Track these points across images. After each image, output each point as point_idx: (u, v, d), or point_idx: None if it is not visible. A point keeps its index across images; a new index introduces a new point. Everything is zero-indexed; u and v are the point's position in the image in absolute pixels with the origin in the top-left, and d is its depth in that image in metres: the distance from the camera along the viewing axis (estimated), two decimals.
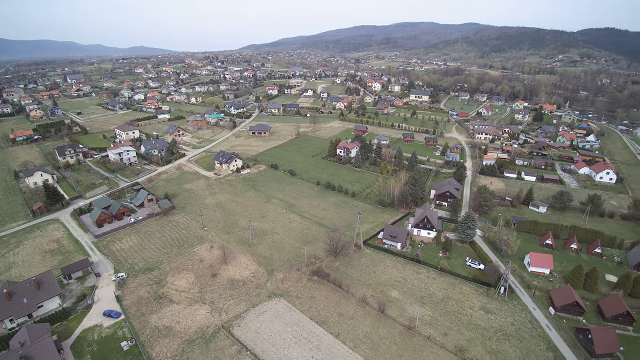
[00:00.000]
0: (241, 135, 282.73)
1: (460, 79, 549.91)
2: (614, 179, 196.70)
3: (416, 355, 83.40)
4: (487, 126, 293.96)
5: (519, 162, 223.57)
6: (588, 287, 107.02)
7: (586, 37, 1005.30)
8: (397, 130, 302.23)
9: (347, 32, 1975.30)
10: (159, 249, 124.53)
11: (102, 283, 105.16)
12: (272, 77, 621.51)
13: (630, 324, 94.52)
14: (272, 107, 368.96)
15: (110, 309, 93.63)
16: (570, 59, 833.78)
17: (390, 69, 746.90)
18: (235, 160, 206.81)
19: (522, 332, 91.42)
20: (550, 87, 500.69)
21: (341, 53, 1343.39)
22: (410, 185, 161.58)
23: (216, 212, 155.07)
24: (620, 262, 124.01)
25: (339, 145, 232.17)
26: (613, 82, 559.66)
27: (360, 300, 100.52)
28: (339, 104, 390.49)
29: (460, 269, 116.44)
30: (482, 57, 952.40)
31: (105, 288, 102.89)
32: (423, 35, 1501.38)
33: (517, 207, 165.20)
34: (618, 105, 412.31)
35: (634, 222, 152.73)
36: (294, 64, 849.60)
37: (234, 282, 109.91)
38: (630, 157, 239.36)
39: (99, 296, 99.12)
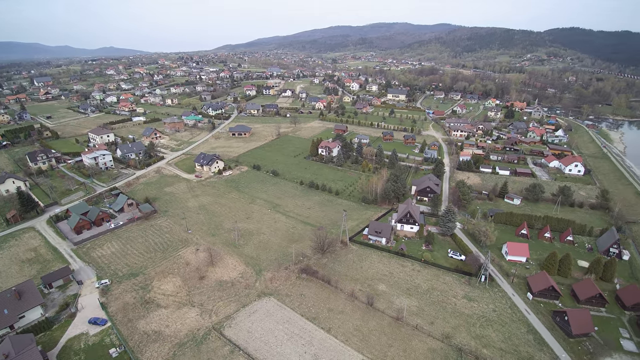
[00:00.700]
0: (221, 137, 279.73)
1: (435, 79, 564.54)
2: (582, 171, 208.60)
3: (405, 344, 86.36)
4: (462, 124, 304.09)
5: (493, 158, 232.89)
6: (562, 272, 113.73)
7: (553, 37, 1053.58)
8: (377, 129, 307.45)
9: (323, 32, 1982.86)
10: (143, 254, 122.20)
11: (85, 291, 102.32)
12: (249, 78, 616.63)
13: (602, 306, 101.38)
14: (251, 107, 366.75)
15: (96, 317, 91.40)
16: (538, 58, 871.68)
17: (367, 69, 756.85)
18: (217, 162, 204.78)
19: (504, 317, 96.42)
20: (520, 85, 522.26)
21: (318, 53, 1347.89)
22: (392, 182, 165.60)
23: (200, 214, 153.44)
24: (591, 249, 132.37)
25: (321, 144, 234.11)
26: (579, 79, 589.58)
27: (349, 295, 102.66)
28: (318, 104, 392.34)
29: (443, 260, 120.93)
30: (455, 57, 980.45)
31: (88, 296, 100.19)
32: (398, 36, 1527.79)
33: (494, 200, 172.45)
34: (584, 101, 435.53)
35: (601, 211, 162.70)
36: (271, 65, 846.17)
37: (222, 283, 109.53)
38: (597, 150, 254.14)
39: (82, 304, 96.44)
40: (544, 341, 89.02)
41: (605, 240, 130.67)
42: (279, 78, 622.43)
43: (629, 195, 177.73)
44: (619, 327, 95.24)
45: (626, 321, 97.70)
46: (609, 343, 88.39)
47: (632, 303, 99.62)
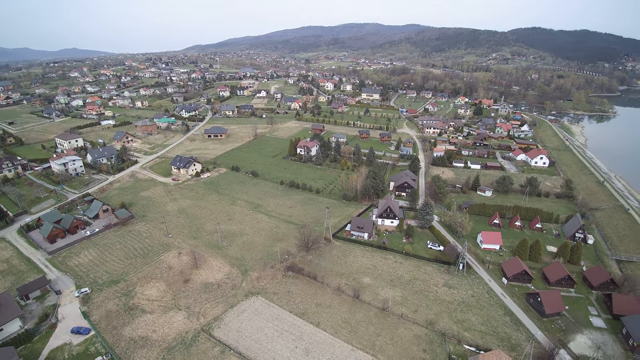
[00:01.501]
0: (196, 139, 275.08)
1: (407, 78, 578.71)
2: (547, 163, 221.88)
3: (392, 332, 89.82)
4: (434, 121, 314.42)
5: (465, 153, 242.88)
6: (533, 257, 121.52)
7: (516, 36, 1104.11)
8: (353, 127, 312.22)
9: (295, 32, 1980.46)
10: (122, 260, 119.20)
11: (65, 300, 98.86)
12: (222, 79, 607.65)
13: (571, 286, 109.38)
14: (226, 109, 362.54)
15: (79, 326, 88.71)
16: (503, 57, 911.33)
17: (341, 69, 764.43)
18: (194, 165, 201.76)
19: (482, 301, 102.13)
20: (487, 84, 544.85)
21: (291, 53, 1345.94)
22: (371, 179, 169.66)
23: (180, 218, 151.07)
24: (558, 235, 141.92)
25: (299, 144, 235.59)
26: (541, 77, 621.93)
27: (336, 289, 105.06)
28: (293, 104, 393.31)
29: (423, 251, 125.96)
30: (425, 56, 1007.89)
31: (68, 305, 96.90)
32: (369, 36, 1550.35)
33: (467, 192, 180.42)
34: (546, 97, 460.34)
35: (566, 200, 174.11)
36: (244, 65, 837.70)
37: (208, 285, 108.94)
38: (559, 143, 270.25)
39: (63, 314, 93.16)
40: (519, 322, 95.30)
41: (570, 226, 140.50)
42: (253, 79, 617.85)
43: (590, 184, 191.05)
44: (587, 306, 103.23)
45: (594, 300, 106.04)
46: (579, 320, 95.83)
47: (598, 283, 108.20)
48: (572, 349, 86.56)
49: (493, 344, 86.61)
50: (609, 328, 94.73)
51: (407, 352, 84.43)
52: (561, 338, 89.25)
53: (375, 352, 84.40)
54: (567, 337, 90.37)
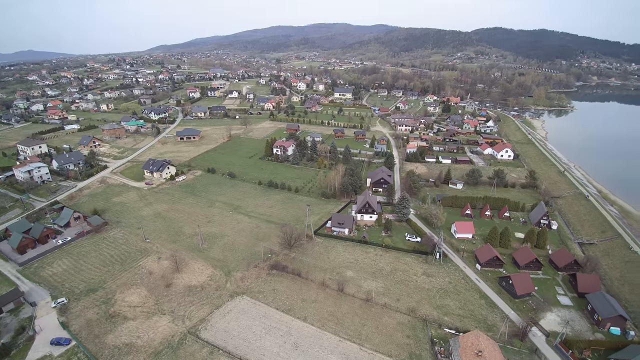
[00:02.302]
0: (168, 142, 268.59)
1: (378, 77, 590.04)
2: (511, 156, 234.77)
3: (377, 321, 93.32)
4: (405, 119, 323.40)
5: (436, 148, 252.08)
6: (503, 244, 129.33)
7: (479, 36, 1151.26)
8: (328, 126, 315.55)
9: (264, 32, 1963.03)
10: (99, 268, 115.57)
11: (41, 312, 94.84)
12: (191, 80, 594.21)
13: (539, 269, 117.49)
14: (197, 110, 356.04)
15: (59, 337, 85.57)
16: (467, 56, 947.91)
17: (312, 69, 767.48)
18: (168, 168, 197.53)
19: (459, 287, 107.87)
20: (453, 82, 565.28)
21: (261, 53, 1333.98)
22: (348, 176, 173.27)
23: (156, 222, 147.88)
24: (525, 222, 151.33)
25: (275, 144, 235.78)
26: (503, 75, 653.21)
27: (320, 284, 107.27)
28: (267, 104, 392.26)
29: (402, 243, 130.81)
30: (394, 56, 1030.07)
31: (46, 317, 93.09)
32: (339, 36, 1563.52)
33: (440, 186, 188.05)
34: (509, 94, 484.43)
35: (531, 190, 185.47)
36: (213, 65, 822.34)
37: (191, 288, 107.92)
38: (522, 137, 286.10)
39: (40, 326, 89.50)
40: (494, 304, 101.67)
41: (536, 214, 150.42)
42: (224, 79, 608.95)
43: (552, 175, 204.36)
44: (554, 286, 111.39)
45: (560, 280, 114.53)
46: (548, 299, 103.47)
47: (563, 264, 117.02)
48: (543, 326, 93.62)
49: (471, 325, 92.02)
50: (575, 305, 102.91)
51: (392, 339, 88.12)
52: (533, 316, 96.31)
53: (361, 341, 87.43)
54: (538, 315, 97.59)
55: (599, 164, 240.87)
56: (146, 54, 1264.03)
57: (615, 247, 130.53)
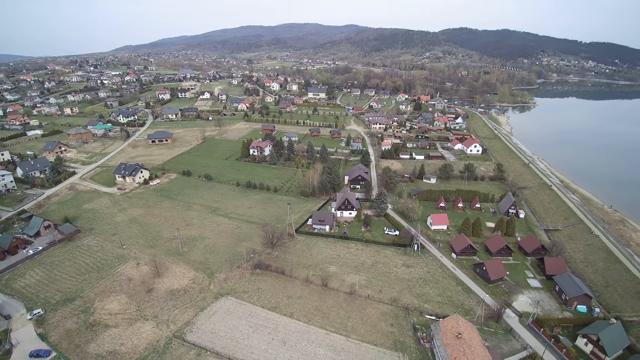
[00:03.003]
0: (139, 145, 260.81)
1: (350, 77, 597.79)
2: (480, 150, 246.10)
3: (361, 313, 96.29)
4: (379, 117, 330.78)
5: (409, 145, 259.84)
6: (475, 233, 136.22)
7: (446, 36, 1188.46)
8: (303, 126, 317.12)
9: (234, 32, 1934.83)
10: (75, 277, 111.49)
11: (17, 324, 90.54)
12: (160, 81, 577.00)
13: (509, 255, 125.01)
14: (168, 112, 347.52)
15: (38, 349, 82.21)
16: (435, 56, 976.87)
17: (285, 69, 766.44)
18: (141, 172, 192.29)
19: (436, 276, 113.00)
20: (423, 81, 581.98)
21: (231, 54, 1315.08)
22: (326, 174, 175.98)
23: (132, 228, 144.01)
24: (495, 212, 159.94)
25: (252, 145, 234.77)
26: (470, 73, 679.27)
27: (304, 280, 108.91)
28: (240, 105, 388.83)
29: (381, 237, 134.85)
30: (365, 56, 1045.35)
31: (22, 329, 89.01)
32: (310, 36, 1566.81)
33: (414, 181, 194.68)
34: (475, 92, 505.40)
35: (499, 182, 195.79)
36: (182, 66, 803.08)
37: (173, 292, 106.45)
38: (489, 132, 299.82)
39: (17, 339, 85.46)
40: (470, 289, 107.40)
41: (504, 204, 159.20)
42: (194, 80, 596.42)
43: (518, 167, 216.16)
44: (524, 270, 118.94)
45: (529, 264, 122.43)
46: (519, 283, 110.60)
47: (531, 250, 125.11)
48: (516, 307, 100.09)
49: (450, 311, 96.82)
50: (544, 287, 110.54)
51: (376, 328, 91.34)
52: (506, 299, 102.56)
53: (347, 332, 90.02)
54: (510, 298, 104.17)
55: (560, 156, 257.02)
56: (110, 55, 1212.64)
57: (578, 232, 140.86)
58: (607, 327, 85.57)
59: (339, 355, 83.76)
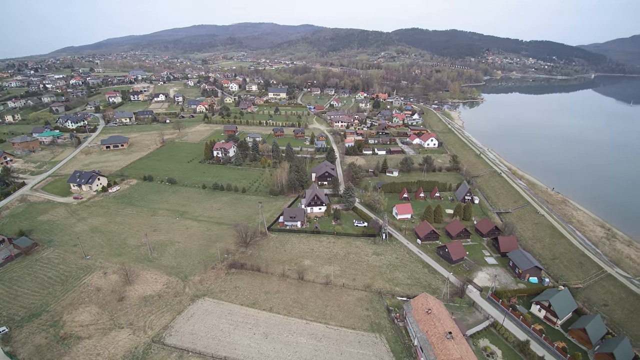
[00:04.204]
0: (92, 152, 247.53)
1: (309, 76, 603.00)
2: (436, 144, 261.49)
3: (338, 301, 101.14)
4: (340, 115, 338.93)
5: (371, 142, 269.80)
6: (437, 219, 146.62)
7: (399, 37, 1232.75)
8: (266, 126, 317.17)
9: (186, 31, 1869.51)
10: (38, 292, 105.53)
11: None
12: (109, 83, 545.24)
13: (468, 237, 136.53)
14: (121, 116, 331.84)
15: None
16: (390, 55, 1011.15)
17: (243, 69, 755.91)
18: (99, 179, 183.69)
19: (405, 261, 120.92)
20: (380, 80, 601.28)
21: (184, 54, 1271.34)
22: (294, 172, 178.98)
23: (95, 237, 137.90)
24: (453, 199, 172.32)
25: (215, 146, 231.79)
26: (423, 72, 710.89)
27: (281, 275, 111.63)
28: (199, 106, 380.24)
29: (351, 229, 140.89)
30: (322, 55, 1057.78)
31: None
32: (266, 36, 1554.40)
33: (378, 175, 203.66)
34: (429, 89, 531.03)
35: (454, 172, 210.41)
36: (132, 67, 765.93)
37: (147, 298, 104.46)
38: (443, 127, 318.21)
39: None
40: (435, 270, 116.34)
41: (461, 192, 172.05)
42: (146, 82, 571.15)
43: (471, 158, 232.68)
44: (481, 250, 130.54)
45: (485, 244, 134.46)
46: (478, 261, 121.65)
47: (486, 231, 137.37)
48: (477, 283, 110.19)
49: (419, 291, 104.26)
50: (499, 263, 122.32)
51: (353, 313, 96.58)
52: (467, 277, 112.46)
53: (326, 320, 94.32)
54: (471, 275, 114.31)
55: (507, 146, 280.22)
56: (51, 57, 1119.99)
57: (526, 213, 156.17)
58: (557, 294, 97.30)
59: (320, 341, 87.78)
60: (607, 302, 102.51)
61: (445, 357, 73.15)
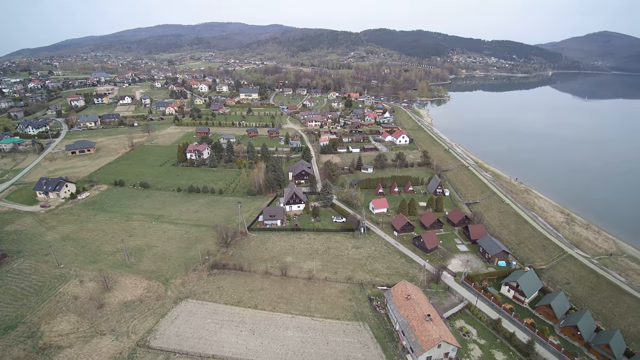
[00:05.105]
0: (57, 158, 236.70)
1: (281, 77, 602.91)
2: (407, 140, 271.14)
3: (321, 294, 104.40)
4: (313, 115, 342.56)
5: (345, 140, 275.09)
6: (411, 212, 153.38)
7: (368, 37, 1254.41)
8: (239, 127, 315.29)
9: (150, 31, 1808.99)
10: (11, 304, 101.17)
11: None
12: (70, 87, 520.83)
13: (440, 227, 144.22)
14: (86, 120, 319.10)
15: None
16: (359, 55, 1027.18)
17: (212, 70, 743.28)
18: (67, 186, 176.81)
19: (383, 253, 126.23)
20: (351, 79, 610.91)
21: (149, 55, 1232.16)
22: (271, 172, 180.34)
23: (67, 245, 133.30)
24: (425, 193, 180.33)
25: (189, 148, 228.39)
26: (392, 71, 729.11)
27: (264, 273, 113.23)
28: (168, 108, 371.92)
29: (330, 225, 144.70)
30: (293, 56, 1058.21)
31: None
32: (234, 36, 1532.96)
33: (354, 172, 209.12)
34: (398, 88, 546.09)
35: (426, 167, 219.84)
36: (94, 69, 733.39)
37: (128, 304, 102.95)
38: (414, 124, 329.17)
39: None
40: (412, 260, 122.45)
41: (432, 185, 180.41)
42: (110, 84, 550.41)
43: (440, 153, 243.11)
44: (454, 238, 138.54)
45: (457, 233, 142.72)
46: (451, 249, 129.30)
47: (457, 221, 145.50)
48: (451, 269, 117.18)
49: (398, 279, 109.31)
50: (470, 250, 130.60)
51: (337, 304, 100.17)
52: (442, 264, 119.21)
53: (311, 313, 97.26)
54: (445, 262, 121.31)
55: (473, 141, 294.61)
56: (6, 60, 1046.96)
57: (492, 203, 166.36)
58: (523, 275, 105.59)
59: (307, 333, 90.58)
60: (569, 280, 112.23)
61: (425, 337, 78.20)
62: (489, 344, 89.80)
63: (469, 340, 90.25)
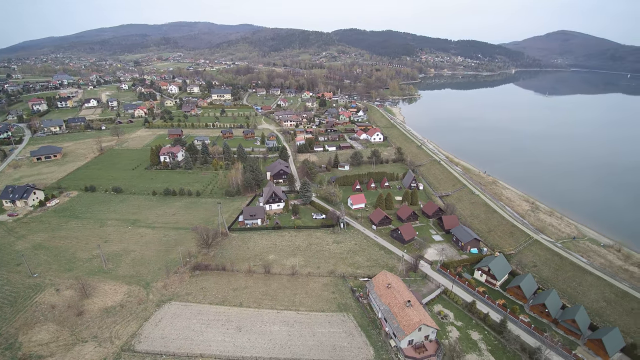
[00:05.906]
0: (22, 165, 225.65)
1: (253, 77, 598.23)
2: (382, 138, 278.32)
3: (305, 288, 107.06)
4: (288, 115, 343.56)
5: (321, 139, 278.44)
6: (388, 206, 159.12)
7: (339, 37, 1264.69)
8: (213, 129, 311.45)
9: (113, 31, 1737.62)
10: None
11: None
12: (31, 90, 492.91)
13: (416, 219, 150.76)
14: (50, 124, 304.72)
15: None
16: (331, 55, 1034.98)
17: (181, 71, 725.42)
18: (34, 193, 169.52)
19: (363, 246, 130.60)
20: (324, 79, 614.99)
21: (113, 55, 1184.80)
22: (249, 172, 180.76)
23: (39, 254, 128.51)
24: (400, 187, 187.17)
25: (162, 151, 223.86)
26: (364, 71, 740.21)
27: (247, 272, 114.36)
28: (137, 111, 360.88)
29: (310, 222, 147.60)
30: (264, 56, 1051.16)
31: None
32: (203, 36, 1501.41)
33: (331, 170, 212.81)
34: (370, 87, 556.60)
35: (400, 163, 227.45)
36: (55, 72, 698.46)
37: (109, 310, 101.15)
38: (387, 122, 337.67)
39: None
40: (390, 251, 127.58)
41: (407, 180, 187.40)
42: (74, 86, 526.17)
43: (413, 149, 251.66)
44: (429, 229, 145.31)
45: (431, 224, 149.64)
46: (426, 239, 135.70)
47: (432, 212, 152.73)
48: (427, 258, 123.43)
49: (378, 270, 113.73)
50: (444, 239, 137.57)
51: (321, 298, 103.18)
52: (419, 254, 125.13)
53: (296, 307, 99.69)
54: (422, 252, 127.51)
55: (444, 137, 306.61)
56: None
57: (463, 195, 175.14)
58: (494, 260, 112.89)
59: (293, 327, 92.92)
60: (536, 263, 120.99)
61: (406, 322, 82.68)
62: (465, 325, 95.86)
63: (447, 323, 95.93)
